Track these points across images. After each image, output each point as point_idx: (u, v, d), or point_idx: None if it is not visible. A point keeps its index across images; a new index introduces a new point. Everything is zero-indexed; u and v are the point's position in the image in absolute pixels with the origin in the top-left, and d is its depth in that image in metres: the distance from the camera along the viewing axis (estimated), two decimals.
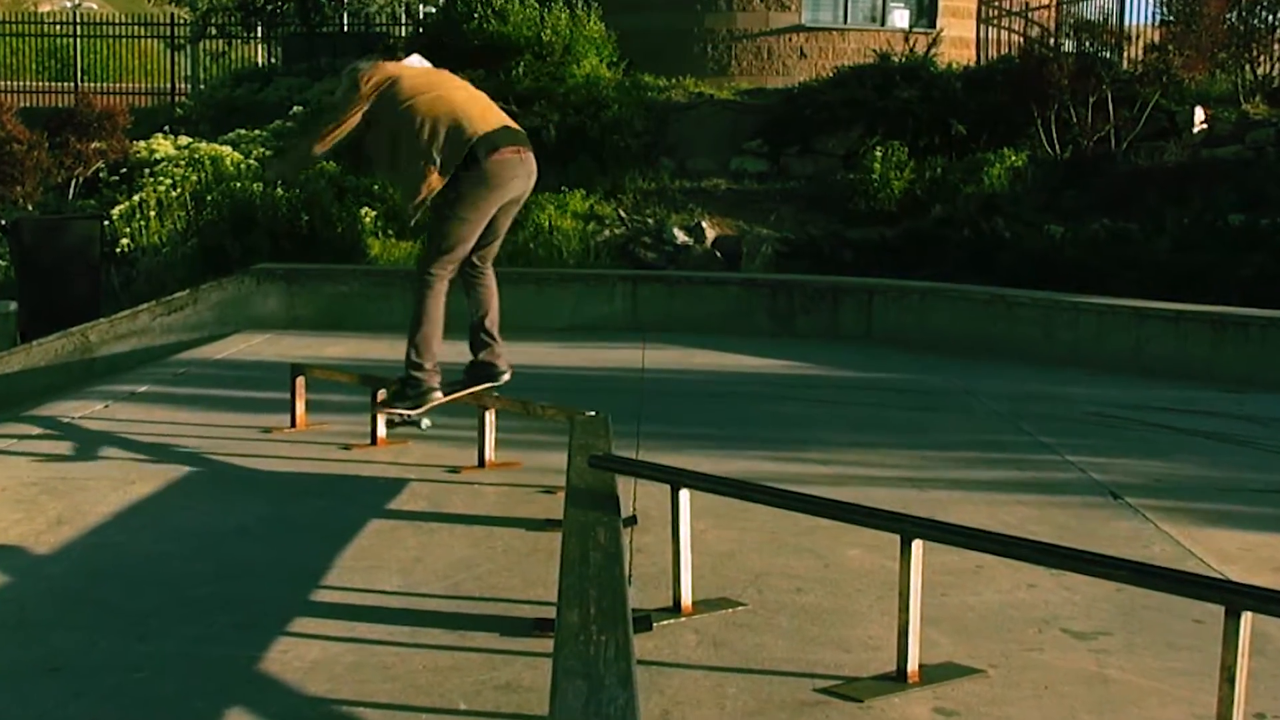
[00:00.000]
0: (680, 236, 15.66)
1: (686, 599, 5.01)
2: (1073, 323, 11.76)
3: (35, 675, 4.39)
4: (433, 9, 26.07)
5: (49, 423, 8.38)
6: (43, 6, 33.49)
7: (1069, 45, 17.76)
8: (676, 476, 5.15)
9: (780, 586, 5.35)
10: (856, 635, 4.83)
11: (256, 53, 27.84)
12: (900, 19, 21.48)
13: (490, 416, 7.25)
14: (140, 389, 9.53)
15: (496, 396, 7.37)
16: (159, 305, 12.51)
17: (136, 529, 6.14)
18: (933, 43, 19.36)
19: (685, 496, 5.02)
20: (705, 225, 15.83)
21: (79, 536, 5.97)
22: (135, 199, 15.64)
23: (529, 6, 18.97)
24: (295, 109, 18.76)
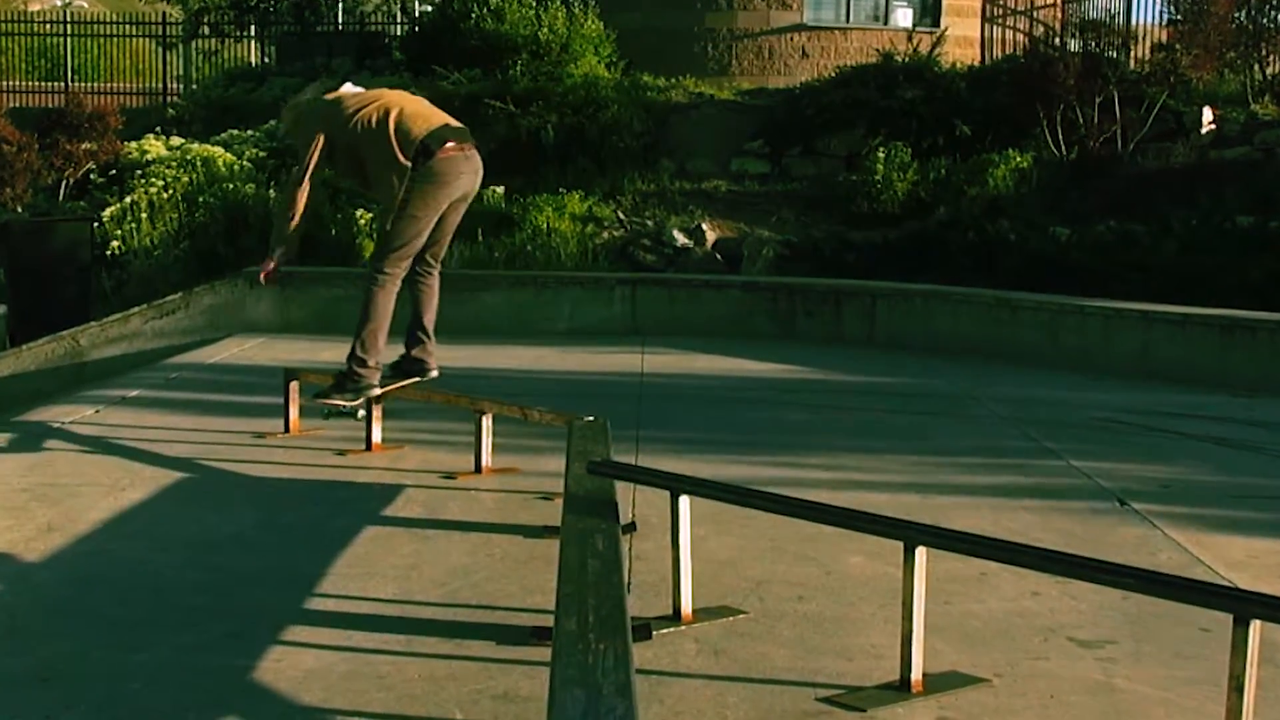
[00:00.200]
0: (680, 239, 15.59)
1: (686, 607, 4.98)
2: (1078, 326, 11.71)
3: (25, 685, 4.36)
4: (429, 8, 26.01)
5: (39, 428, 8.34)
6: (32, 5, 33.40)
7: (1075, 45, 17.68)
8: (676, 482, 5.12)
9: (782, 594, 5.32)
10: (859, 644, 4.80)
11: (250, 52, 27.73)
12: (904, 18, 21.41)
13: (487, 421, 7.22)
14: (132, 394, 9.50)
15: (494, 401, 7.33)
16: (150, 309, 12.46)
17: (128, 536, 6.10)
18: (936, 42, 19.30)
19: (685, 503, 4.98)
20: (705, 227, 15.77)
21: (69, 544, 5.93)
22: (126, 201, 15.57)
23: (526, 5, 18.91)
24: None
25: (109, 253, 15.10)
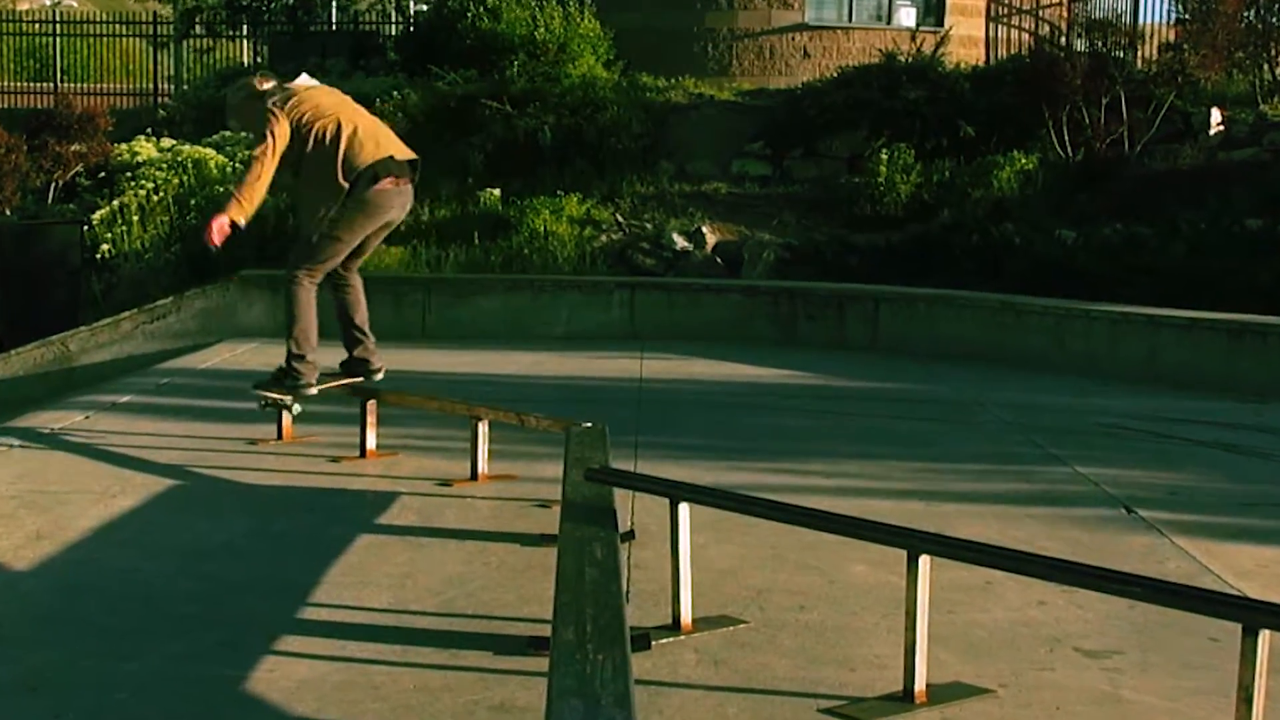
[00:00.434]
0: (679, 242, 15.53)
1: (686, 616, 4.96)
2: (1084, 331, 11.67)
3: (13, 695, 4.33)
4: (424, 6, 25.96)
5: (27, 434, 8.30)
6: (21, 4, 33.31)
7: (1081, 44, 17.61)
8: (676, 490, 5.10)
9: (783, 603, 5.29)
10: (862, 654, 4.77)
11: (242, 52, 27.64)
12: (907, 17, 21.37)
13: (483, 428, 7.19)
14: (122, 399, 9.47)
15: (490, 407, 7.30)
16: (141, 313, 12.40)
17: (118, 544, 6.08)
18: (940, 42, 19.24)
19: (685, 510, 4.97)
20: (705, 230, 15.71)
21: (59, 552, 5.90)
22: (116, 203, 15.49)
23: (523, 5, 18.84)
24: None
25: (99, 256, 15.00)
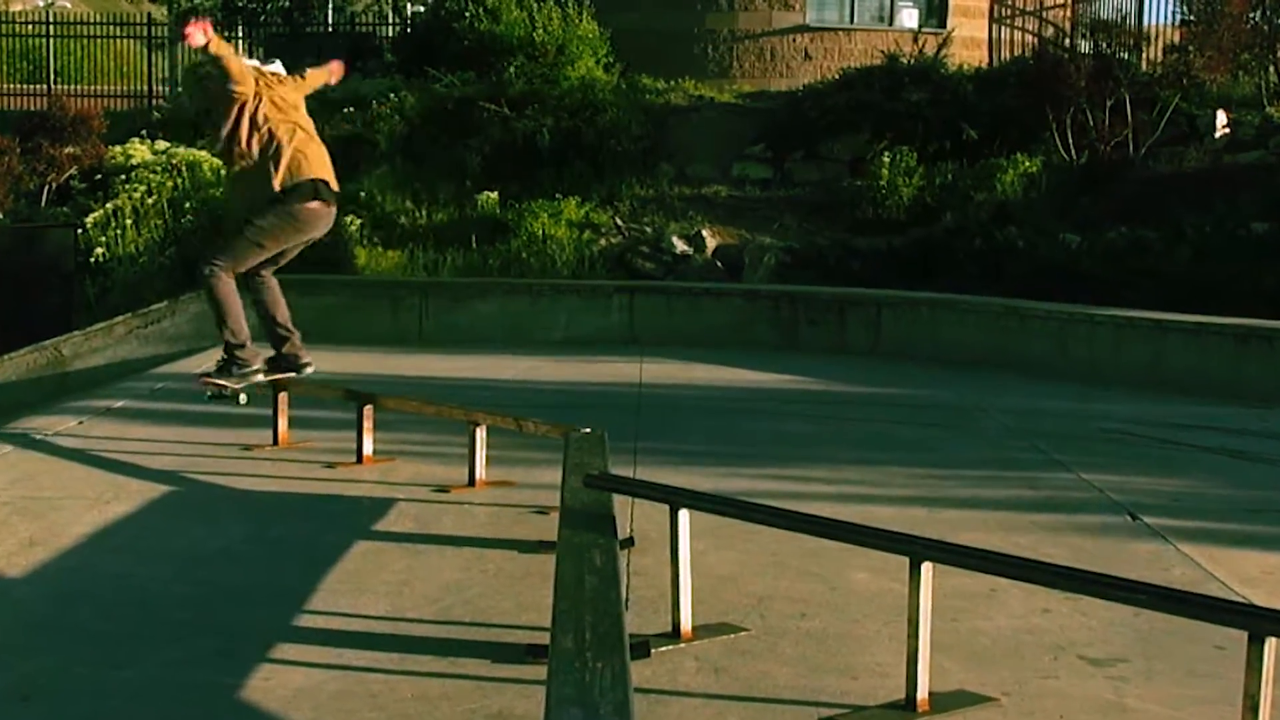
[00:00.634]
0: (679, 246, 15.51)
1: (686, 624, 4.94)
2: (1089, 336, 11.63)
3: (6, 703, 4.32)
4: (421, 8, 25.95)
5: (20, 439, 8.28)
6: (14, 5, 33.21)
7: (1085, 46, 17.60)
8: (675, 496, 5.08)
9: (784, 611, 5.28)
10: (863, 661, 4.75)
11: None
12: (909, 19, 21.34)
13: (481, 433, 7.17)
14: (116, 404, 9.46)
15: (488, 412, 7.28)
16: (135, 317, 12.34)
17: (113, 550, 6.06)
18: (943, 43, 19.24)
19: (685, 517, 4.94)
20: (706, 234, 15.69)
21: (52, 558, 5.88)
22: (110, 206, 15.47)
23: (522, 6, 18.80)
24: None
25: (92, 260, 14.97)
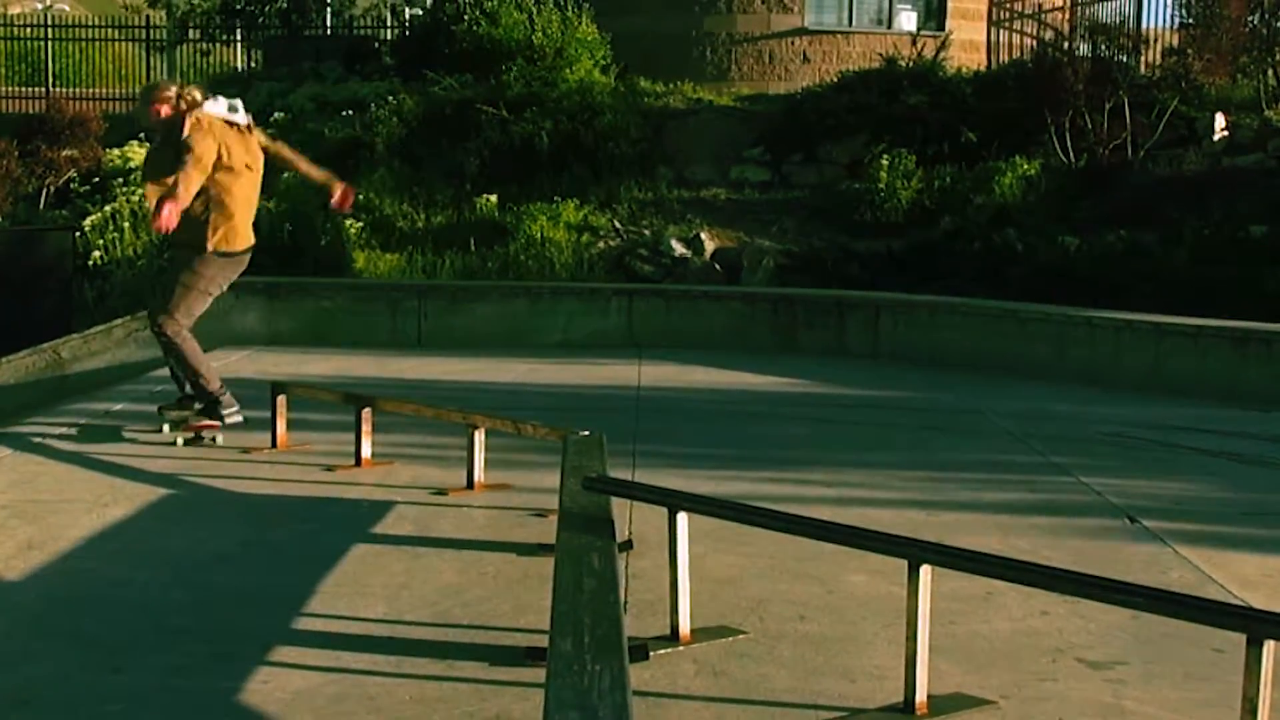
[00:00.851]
0: (678, 248, 15.50)
1: (684, 627, 4.92)
2: (1088, 338, 11.60)
3: (3, 708, 4.29)
4: (419, 11, 25.93)
5: (18, 442, 8.23)
6: (12, 8, 33.18)
7: (1084, 49, 17.57)
8: (674, 499, 5.06)
9: (782, 614, 5.26)
10: (862, 665, 4.74)
11: (236, 56, 27.56)
12: (907, 21, 21.33)
13: (479, 436, 7.14)
14: (115, 407, 9.41)
15: (486, 415, 7.25)
16: (134, 320, 12.30)
17: (111, 554, 6.03)
18: (941, 46, 19.21)
19: (683, 520, 4.92)
20: (704, 237, 15.68)
21: (50, 562, 5.85)
22: (108, 209, 15.47)
23: (521, 9, 18.79)
24: (276, 115, 18.57)
25: (91, 263, 14.97)
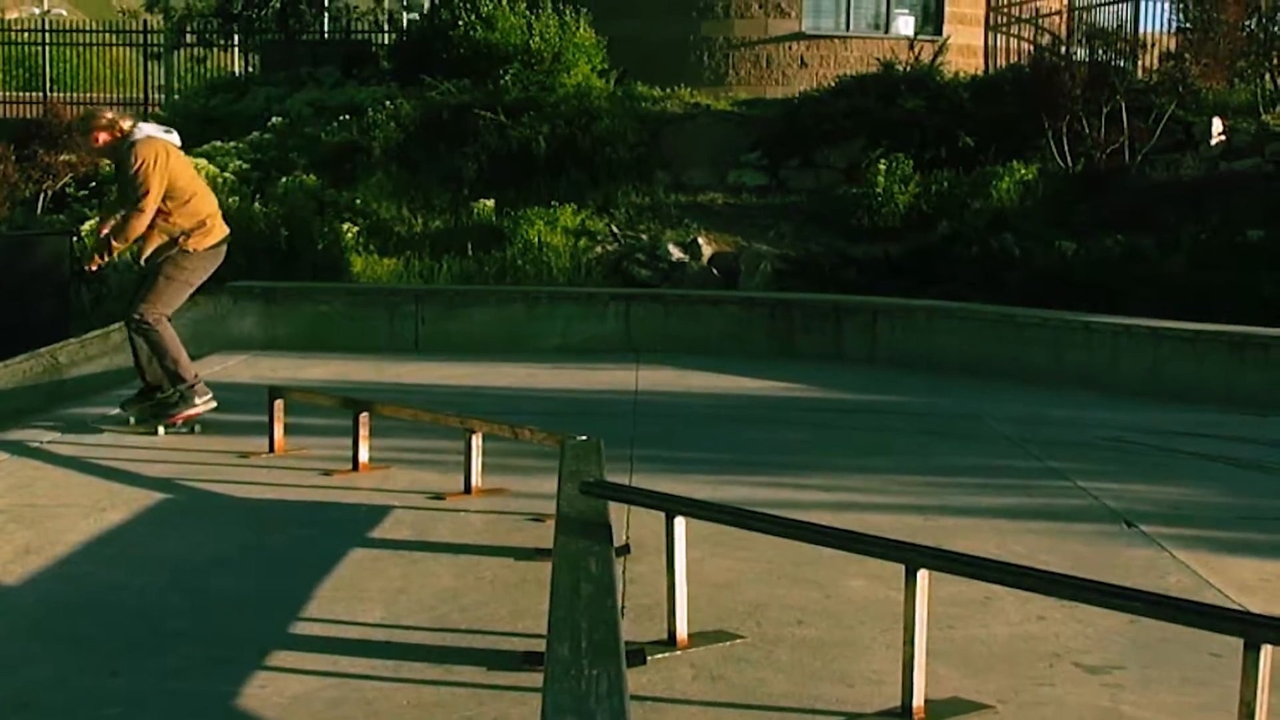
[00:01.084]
0: (675, 253, 15.49)
1: (682, 631, 4.91)
2: (1085, 343, 11.57)
3: (2, 712, 4.28)
4: (415, 16, 25.91)
5: (16, 447, 8.22)
6: (9, 13, 33.19)
7: (1081, 53, 17.56)
8: (671, 504, 5.05)
9: (780, 618, 5.25)
10: (859, 669, 4.73)
11: (233, 61, 27.53)
12: (905, 26, 21.30)
13: (477, 441, 7.13)
14: (112, 412, 9.37)
15: (484, 420, 7.24)
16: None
17: (109, 558, 6.02)
18: (939, 51, 19.18)
19: (681, 524, 4.91)
20: (702, 241, 15.67)
21: (48, 566, 5.85)
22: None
23: (517, 13, 18.77)
24: (274, 120, 18.56)
25: (87, 267, 14.90)
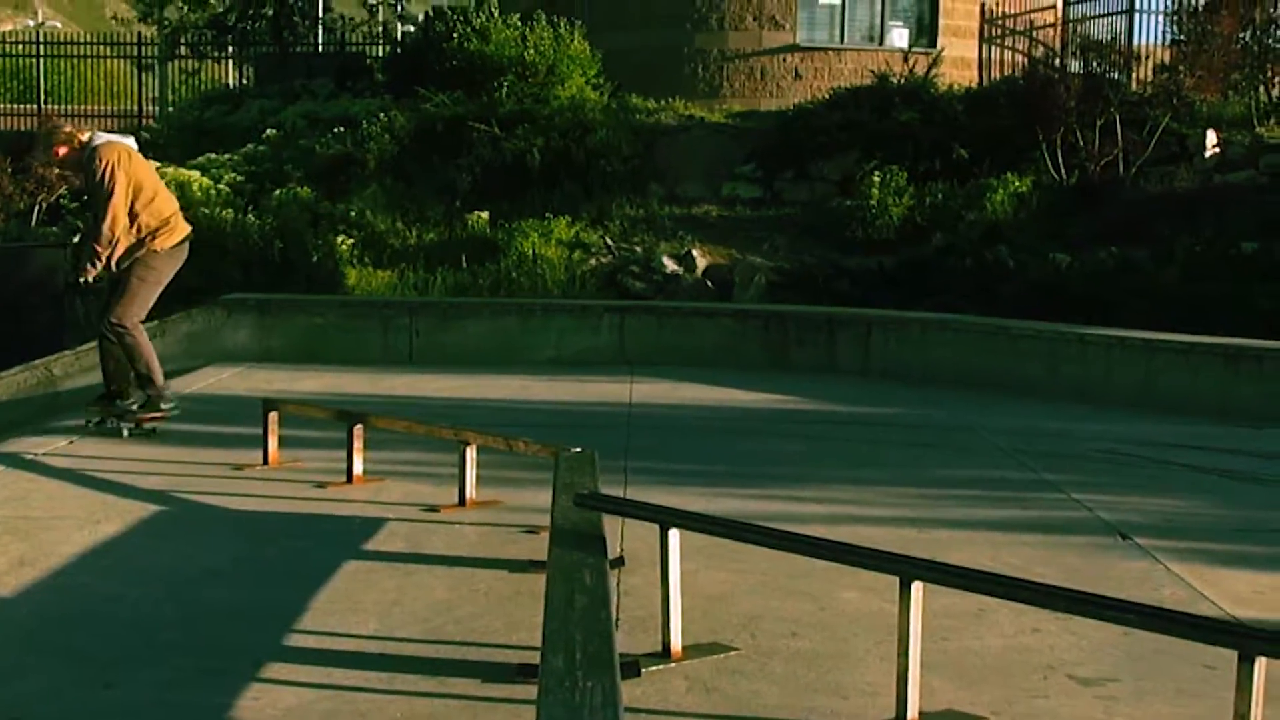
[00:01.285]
0: (670, 265, 15.50)
1: (676, 644, 4.91)
2: (1079, 355, 11.56)
3: None
4: (410, 28, 25.92)
5: (11, 459, 8.20)
6: (4, 26, 33.19)
7: (1076, 65, 17.57)
8: (666, 516, 5.05)
9: (774, 630, 5.25)
10: (853, 681, 4.73)
11: (227, 73, 27.53)
12: (899, 39, 21.32)
13: (471, 453, 7.12)
14: (107, 424, 9.33)
15: (478, 432, 7.23)
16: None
17: (103, 570, 6.01)
18: (933, 63, 19.21)
19: (675, 536, 4.91)
20: (696, 254, 15.68)
21: (42, 578, 5.84)
22: None
23: (511, 26, 18.77)
24: (268, 132, 18.55)
25: (82, 280, 14.88)
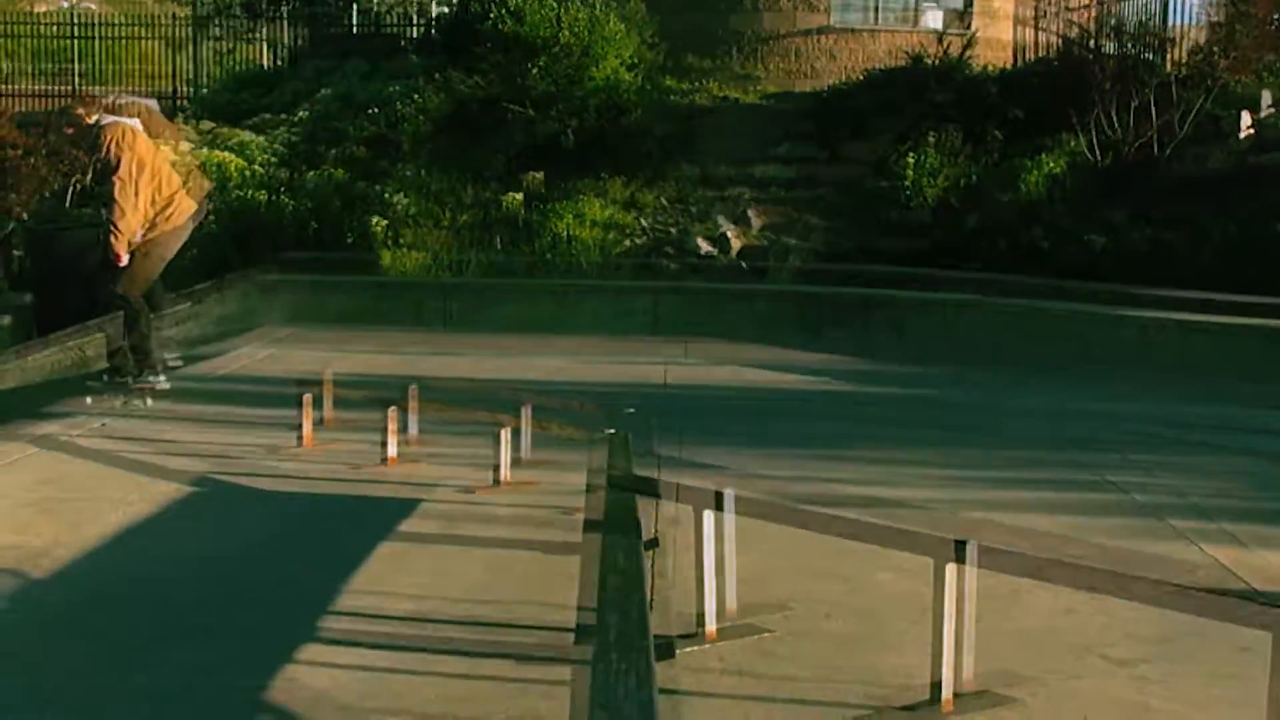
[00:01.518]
0: (704, 246, 15.45)
1: (710, 625, 4.91)
2: (1114, 336, 11.50)
3: (28, 709, 4.28)
4: (445, 9, 25.84)
5: (44, 440, 8.25)
6: (39, 7, 33.23)
7: (1110, 47, 17.42)
8: (700, 497, 5.04)
9: (808, 612, 5.25)
10: (888, 663, 4.73)
11: (261, 52, 27.48)
12: (933, 20, 21.18)
13: (505, 434, 7.12)
14: (141, 405, 9.37)
15: (512, 414, 7.22)
16: (158, 319, 12.31)
17: (136, 552, 6.03)
18: (967, 44, 19.06)
19: (709, 518, 4.91)
20: (730, 235, 15.62)
21: (75, 559, 5.85)
22: None
23: (546, 6, 18.71)
24: (301, 113, 18.55)
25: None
